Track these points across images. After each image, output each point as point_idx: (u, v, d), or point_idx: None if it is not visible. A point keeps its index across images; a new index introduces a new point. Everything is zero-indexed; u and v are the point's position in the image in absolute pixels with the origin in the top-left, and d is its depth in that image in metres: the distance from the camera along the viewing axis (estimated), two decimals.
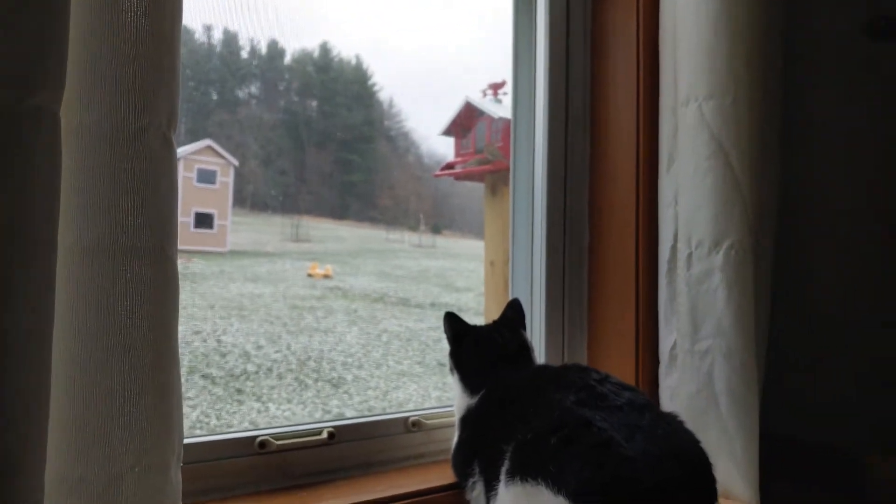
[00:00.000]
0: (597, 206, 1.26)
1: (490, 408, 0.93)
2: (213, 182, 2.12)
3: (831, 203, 1.40)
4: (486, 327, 1.05)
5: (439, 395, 2.65)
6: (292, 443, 0.95)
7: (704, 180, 1.07)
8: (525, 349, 1.02)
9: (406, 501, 0.93)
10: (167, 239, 0.62)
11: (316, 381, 2.49)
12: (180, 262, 0.64)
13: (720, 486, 0.92)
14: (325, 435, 0.98)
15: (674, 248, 1.13)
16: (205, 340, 2.43)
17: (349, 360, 2.65)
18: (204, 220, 2.23)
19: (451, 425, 1.05)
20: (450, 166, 2.56)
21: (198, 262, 2.57)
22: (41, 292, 0.49)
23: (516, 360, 1.00)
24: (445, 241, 3.08)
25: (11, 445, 0.46)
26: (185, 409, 2.26)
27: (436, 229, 3.01)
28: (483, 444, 0.89)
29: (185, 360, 2.19)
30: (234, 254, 2.64)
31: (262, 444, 0.93)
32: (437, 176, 2.58)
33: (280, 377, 2.41)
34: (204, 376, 2.30)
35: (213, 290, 2.58)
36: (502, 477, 0.80)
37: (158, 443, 0.62)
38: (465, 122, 2.40)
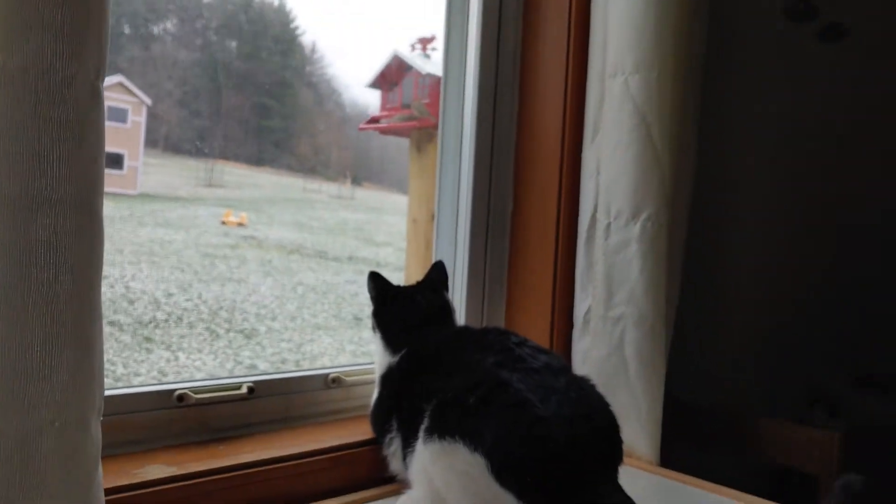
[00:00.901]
0: (522, 172, 1.28)
1: (410, 367, 0.95)
2: (124, 121, 2.03)
3: (743, 180, 1.49)
4: (409, 288, 1.06)
5: (354, 349, 2.64)
6: (211, 397, 0.95)
7: (626, 152, 1.11)
8: (447, 311, 1.04)
9: (324, 456, 0.94)
10: (93, 192, 0.60)
11: (227, 331, 2.43)
12: None
13: (626, 446, 0.99)
14: (244, 390, 0.98)
15: (593, 217, 1.17)
16: (112, 286, 2.35)
17: (262, 311, 2.60)
18: (114, 161, 2.12)
19: (370, 382, 1.07)
20: (375, 120, 2.52)
21: (106, 203, 2.55)
22: None
23: (438, 322, 1.01)
24: (366, 194, 3.05)
25: None
26: None
27: (356, 181, 2.96)
28: (402, 402, 0.91)
29: None
30: (145, 197, 2.53)
31: (181, 397, 0.92)
32: (361, 129, 2.53)
33: (191, 326, 2.34)
34: (111, 323, 2.21)
35: (122, 234, 2.49)
36: (421, 434, 0.82)
37: (79, 397, 0.61)
38: (393, 75, 2.36)
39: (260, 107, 2.30)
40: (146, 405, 0.90)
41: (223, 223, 2.80)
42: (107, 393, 0.83)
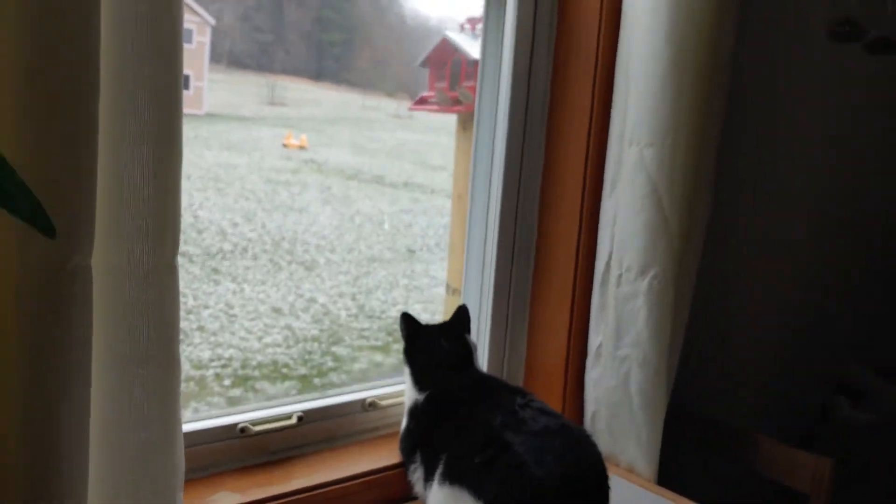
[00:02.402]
0: (545, 214, 1.40)
1: (432, 411, 1.10)
2: (189, 41, 2.04)
3: (752, 232, 1.59)
4: (435, 330, 1.20)
5: (406, 283, 2.78)
6: (267, 427, 1.13)
7: (638, 216, 1.21)
8: (468, 356, 1.18)
9: (362, 480, 1.12)
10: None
11: (289, 263, 2.58)
12: None
13: (629, 465, 1.23)
14: (294, 420, 1.16)
15: (608, 264, 1.29)
16: (182, 215, 2.57)
17: (322, 242, 2.73)
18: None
19: (401, 404, 1.23)
20: (423, 101, 2.60)
21: None
22: None
23: (460, 367, 1.16)
24: (423, 113, 3.07)
25: None
26: None
27: (414, 97, 2.96)
28: (425, 440, 1.09)
29: None
30: (211, 117, 2.58)
31: (243, 429, 1.11)
32: (411, 109, 2.62)
33: (255, 258, 2.49)
34: (181, 254, 2.46)
35: (190, 158, 2.66)
36: (437, 476, 1.00)
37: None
38: (442, 56, 2.43)
39: (321, 19, 2.22)
40: (214, 437, 1.09)
41: (285, 146, 2.86)
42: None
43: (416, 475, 1.09)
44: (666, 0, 1.16)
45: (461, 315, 1.22)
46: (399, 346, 1.22)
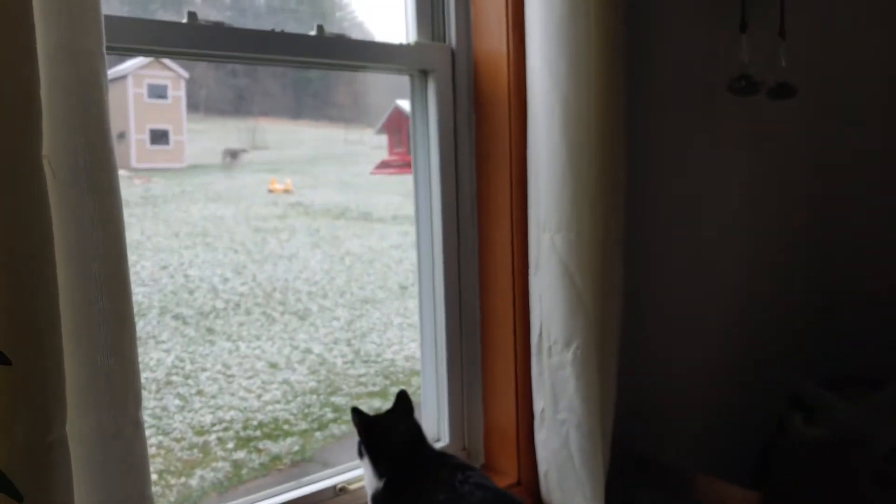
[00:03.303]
0: (485, 295, 1.55)
1: (390, 496, 1.24)
2: (164, 97, 2.12)
3: (675, 293, 1.75)
4: (387, 418, 1.32)
5: (401, 322, 2.87)
6: None
7: (556, 295, 1.36)
8: (421, 437, 1.32)
9: None
10: None
11: (282, 314, 2.59)
12: (140, 185, 0.92)
13: None
14: None
15: (540, 337, 1.43)
16: (172, 276, 2.48)
17: (313, 288, 2.74)
18: (160, 137, 2.19)
19: None
20: (385, 164, 2.75)
21: (157, 180, 2.48)
22: None
23: (416, 448, 1.30)
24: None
25: None
26: (160, 354, 2.31)
27: None
28: None
29: (155, 300, 2.32)
30: (193, 168, 2.62)
31: None
32: (373, 174, 2.76)
33: (248, 312, 2.49)
34: (175, 317, 2.39)
35: (176, 215, 2.57)
36: None
37: None
38: (396, 123, 2.58)
39: None
40: None
41: (270, 191, 2.86)
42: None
43: None
44: (560, 97, 1.31)
45: (402, 400, 1.34)
46: (395, 388, 1.33)
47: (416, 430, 1.32)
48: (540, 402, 1.46)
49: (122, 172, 1.00)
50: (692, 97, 1.77)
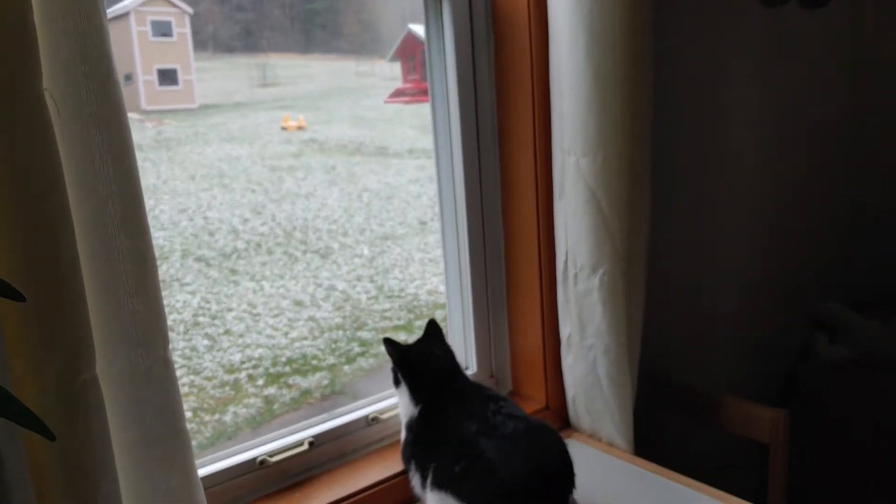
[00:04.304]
0: (508, 223, 1.53)
1: (424, 423, 1.26)
2: (169, 34, 2.08)
3: (702, 218, 1.70)
4: (421, 346, 1.33)
5: (421, 257, 2.90)
6: (283, 457, 1.30)
7: (583, 220, 1.33)
8: (454, 362, 1.32)
9: (371, 491, 1.29)
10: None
11: (304, 252, 2.60)
12: (153, 127, 0.89)
13: (608, 440, 1.42)
14: (306, 445, 1.33)
15: (566, 263, 1.41)
16: (192, 219, 2.47)
17: (333, 226, 2.72)
18: (168, 77, 2.14)
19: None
20: (400, 93, 2.68)
21: (170, 123, 2.44)
22: None
23: (452, 375, 1.30)
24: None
25: None
26: (186, 297, 2.37)
27: None
28: (418, 452, 1.24)
29: (177, 243, 2.35)
30: (205, 108, 2.53)
31: (262, 462, 1.28)
32: (387, 102, 2.70)
33: (270, 252, 2.49)
34: (197, 259, 2.39)
35: (192, 157, 2.53)
36: (428, 483, 1.18)
37: None
38: (409, 49, 2.50)
39: None
40: (237, 473, 1.26)
41: (283, 128, 2.83)
42: (209, 470, 1.20)
43: (415, 481, 1.25)
44: (582, 19, 1.25)
45: (433, 328, 1.35)
46: (421, 322, 1.33)
47: (451, 355, 1.33)
48: (566, 329, 1.45)
49: (133, 115, 0.97)
50: (720, 11, 1.68)
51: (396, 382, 1.33)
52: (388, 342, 1.32)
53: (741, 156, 1.84)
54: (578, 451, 1.34)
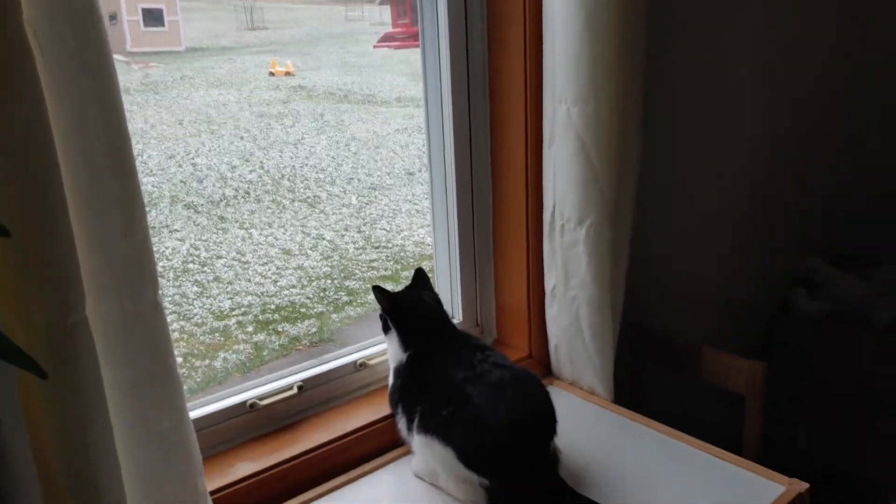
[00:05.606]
0: (497, 176, 1.53)
1: (412, 368, 1.28)
2: None
3: (688, 153, 1.71)
4: (409, 293, 1.35)
5: (409, 208, 2.90)
6: (272, 400, 1.32)
7: (571, 171, 1.33)
8: (441, 309, 1.34)
9: (360, 433, 1.32)
10: None
11: (292, 201, 2.63)
12: (139, 70, 0.87)
13: (589, 388, 1.44)
14: (295, 389, 1.35)
15: (552, 215, 1.42)
16: (180, 165, 2.49)
17: (321, 175, 2.75)
18: (153, 18, 2.13)
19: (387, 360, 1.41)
20: (388, 37, 2.65)
21: (156, 65, 2.45)
22: None
23: (439, 322, 1.32)
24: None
25: None
26: (175, 243, 2.42)
27: None
28: (405, 397, 1.27)
29: (165, 189, 2.36)
30: (192, 52, 2.57)
31: (252, 405, 1.30)
32: (376, 47, 2.67)
33: (258, 200, 2.53)
34: (186, 206, 2.41)
35: (179, 102, 2.55)
36: (415, 426, 1.21)
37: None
38: None
39: None
40: (228, 416, 1.28)
41: (271, 74, 2.83)
42: (201, 412, 1.23)
43: (401, 425, 1.28)
44: None
45: (420, 276, 1.36)
46: (408, 272, 1.33)
47: (439, 304, 1.35)
48: (551, 280, 1.47)
49: (118, 57, 0.94)
50: None
51: (385, 329, 1.35)
52: (378, 290, 1.33)
53: (725, 111, 1.84)
54: (560, 398, 1.38)
